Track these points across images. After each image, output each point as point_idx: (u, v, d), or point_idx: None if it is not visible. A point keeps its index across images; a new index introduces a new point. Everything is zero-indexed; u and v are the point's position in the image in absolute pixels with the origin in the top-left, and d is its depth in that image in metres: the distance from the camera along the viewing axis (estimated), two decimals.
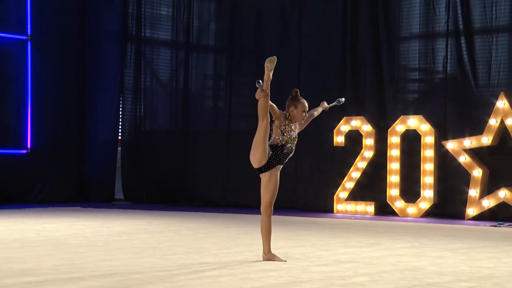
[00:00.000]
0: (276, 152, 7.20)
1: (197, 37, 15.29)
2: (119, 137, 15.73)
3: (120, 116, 15.66)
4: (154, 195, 15.33)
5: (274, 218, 7.44)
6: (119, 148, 15.75)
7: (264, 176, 7.24)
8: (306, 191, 13.92)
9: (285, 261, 7.27)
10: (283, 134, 7.22)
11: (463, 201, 12.34)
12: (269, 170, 7.22)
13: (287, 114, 7.26)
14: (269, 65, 7.10)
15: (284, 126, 7.22)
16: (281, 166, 7.31)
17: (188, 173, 15.14)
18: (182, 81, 15.24)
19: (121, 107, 15.66)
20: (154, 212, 13.30)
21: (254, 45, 14.54)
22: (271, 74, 7.10)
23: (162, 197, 15.18)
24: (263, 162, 7.18)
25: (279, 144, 7.21)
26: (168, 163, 15.27)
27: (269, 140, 7.20)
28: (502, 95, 12.08)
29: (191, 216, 12.71)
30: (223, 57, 14.95)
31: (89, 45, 15.71)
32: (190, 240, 9.25)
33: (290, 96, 7.33)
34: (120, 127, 15.69)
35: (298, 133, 7.39)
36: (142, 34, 15.50)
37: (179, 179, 15.16)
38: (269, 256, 7.32)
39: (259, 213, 7.33)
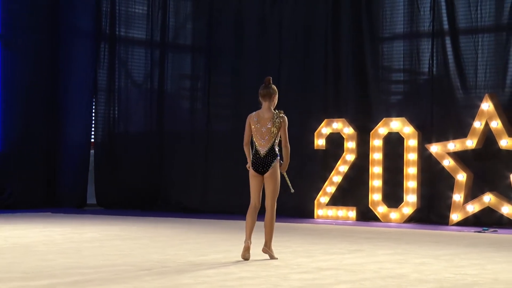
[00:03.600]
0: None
1: (174, 36, 15.25)
2: (92, 140, 15.65)
3: (93, 117, 15.60)
4: (128, 200, 15.17)
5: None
6: (92, 151, 15.67)
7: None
8: (286, 196, 13.64)
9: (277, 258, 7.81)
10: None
11: (447, 206, 12.29)
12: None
13: (278, 111, 7.81)
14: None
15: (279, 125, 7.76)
16: None
17: (164, 177, 15.03)
18: (157, 81, 15.17)
19: (94, 109, 15.60)
20: (128, 218, 13.22)
21: (233, 44, 14.48)
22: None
23: (137, 202, 15.03)
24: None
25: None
26: (143, 166, 15.14)
27: (278, 146, 7.79)
28: (486, 96, 12.02)
29: (167, 221, 12.68)
30: (200, 57, 14.94)
31: (61, 44, 15.61)
32: (165, 247, 9.21)
33: (269, 85, 7.79)
34: (93, 129, 15.62)
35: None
36: (116, 33, 15.39)
37: (154, 184, 15.03)
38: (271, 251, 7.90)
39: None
